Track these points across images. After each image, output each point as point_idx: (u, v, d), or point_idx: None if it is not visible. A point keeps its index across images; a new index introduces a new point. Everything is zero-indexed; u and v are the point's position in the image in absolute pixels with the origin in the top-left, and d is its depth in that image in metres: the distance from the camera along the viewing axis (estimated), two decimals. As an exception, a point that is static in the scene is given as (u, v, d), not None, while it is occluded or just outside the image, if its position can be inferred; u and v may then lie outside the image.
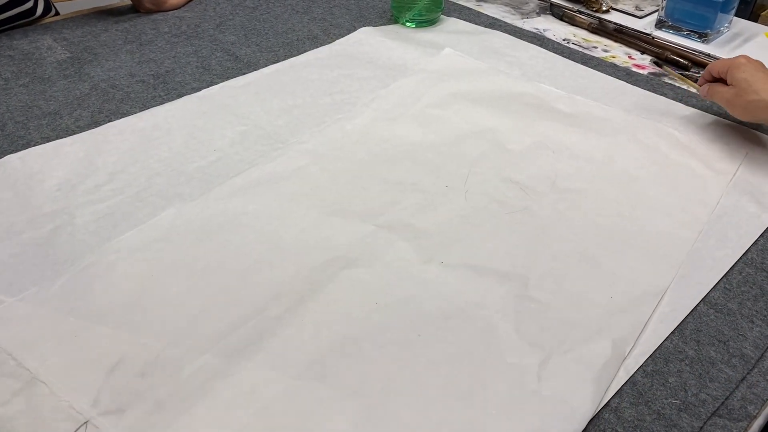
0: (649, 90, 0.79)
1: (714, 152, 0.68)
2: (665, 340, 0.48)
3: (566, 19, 0.97)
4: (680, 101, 0.77)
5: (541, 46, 0.89)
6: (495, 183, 0.63)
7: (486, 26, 0.94)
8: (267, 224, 0.57)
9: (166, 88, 0.77)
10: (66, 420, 0.41)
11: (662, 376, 0.46)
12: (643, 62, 0.87)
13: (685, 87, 0.80)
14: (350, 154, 0.66)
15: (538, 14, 1.00)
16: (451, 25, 0.94)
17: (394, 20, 0.95)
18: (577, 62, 0.85)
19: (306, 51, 0.85)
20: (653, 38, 0.91)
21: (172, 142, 0.67)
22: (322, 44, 0.87)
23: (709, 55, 0.86)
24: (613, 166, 0.66)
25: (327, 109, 0.73)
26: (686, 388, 0.45)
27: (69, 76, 0.78)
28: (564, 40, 0.92)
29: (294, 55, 0.84)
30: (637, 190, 0.63)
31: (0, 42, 0.85)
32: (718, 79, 0.68)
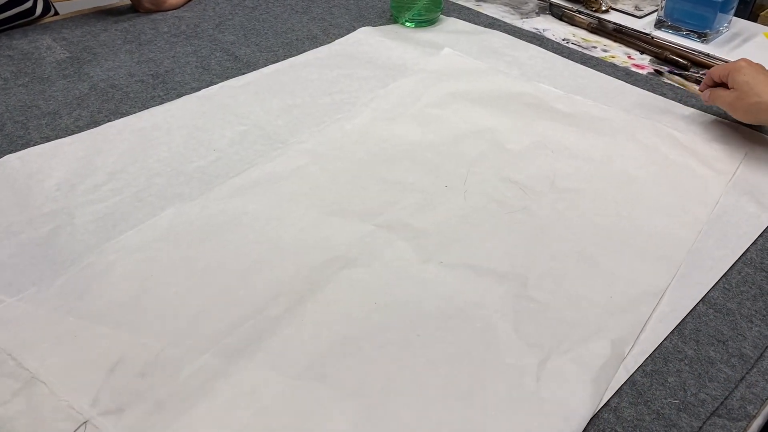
0: (648, 90, 0.79)
1: (713, 152, 0.68)
2: (664, 340, 0.48)
3: (566, 19, 0.97)
4: (680, 101, 0.77)
5: (540, 46, 0.89)
6: (494, 183, 0.63)
7: (485, 26, 0.94)
8: (266, 224, 0.57)
9: (166, 87, 0.77)
10: (66, 420, 0.41)
11: (661, 376, 0.46)
12: (642, 62, 0.87)
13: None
14: (349, 154, 0.66)
15: (538, 14, 1.00)
16: (450, 24, 0.94)
17: (394, 20, 0.95)
18: (577, 62, 0.85)
19: (305, 51, 0.85)
20: (653, 38, 0.91)
21: (172, 142, 0.67)
22: (322, 44, 0.87)
23: (708, 55, 0.86)
24: (612, 165, 0.66)
25: (326, 108, 0.73)
26: (685, 387, 0.45)
27: (68, 75, 0.78)
28: (563, 39, 0.92)
29: (293, 55, 0.84)
30: (637, 189, 0.63)
31: (-1, 42, 0.85)
32: (719, 84, 0.69)
